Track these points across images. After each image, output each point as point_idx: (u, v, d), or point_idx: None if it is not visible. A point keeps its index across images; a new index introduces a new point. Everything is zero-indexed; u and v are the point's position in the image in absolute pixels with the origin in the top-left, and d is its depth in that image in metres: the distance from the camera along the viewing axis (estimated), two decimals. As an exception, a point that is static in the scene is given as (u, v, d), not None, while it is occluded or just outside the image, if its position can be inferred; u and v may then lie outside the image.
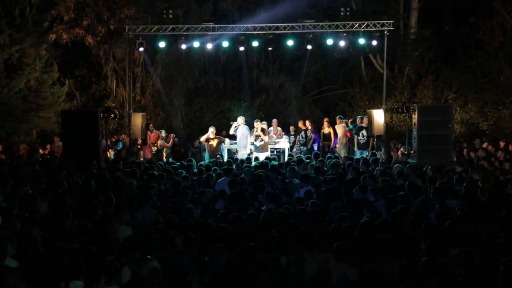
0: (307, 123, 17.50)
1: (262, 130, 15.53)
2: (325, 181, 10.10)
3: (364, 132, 16.06)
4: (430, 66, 20.68)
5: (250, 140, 15.42)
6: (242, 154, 15.03)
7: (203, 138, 16.13)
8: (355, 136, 16.32)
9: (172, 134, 17.33)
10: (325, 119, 17.72)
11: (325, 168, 11.63)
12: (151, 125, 17.25)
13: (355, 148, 16.25)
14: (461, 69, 20.29)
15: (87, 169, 11.04)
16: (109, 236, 6.83)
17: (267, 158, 13.63)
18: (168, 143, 16.90)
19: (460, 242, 6.38)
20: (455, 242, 6.43)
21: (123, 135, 18.27)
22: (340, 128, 16.69)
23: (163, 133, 17.12)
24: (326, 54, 21.63)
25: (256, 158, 13.58)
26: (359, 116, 17.05)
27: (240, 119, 15.98)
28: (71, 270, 5.61)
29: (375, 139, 16.01)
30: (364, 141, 16.05)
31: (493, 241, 6.24)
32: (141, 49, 17.95)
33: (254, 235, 6.90)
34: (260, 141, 15.43)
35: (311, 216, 7.84)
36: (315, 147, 16.91)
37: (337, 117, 17.24)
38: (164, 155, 16.52)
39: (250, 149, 15.42)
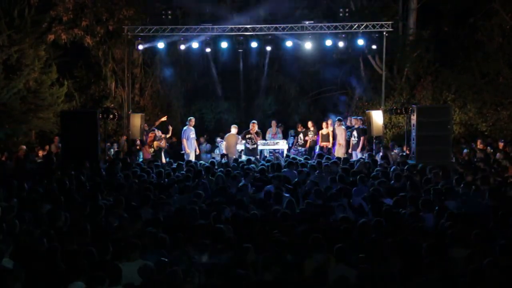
0: (309, 124, 17.46)
1: (256, 133, 15.53)
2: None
3: (355, 132, 16.11)
4: (429, 67, 20.68)
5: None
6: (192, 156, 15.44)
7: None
8: (350, 138, 16.37)
9: (170, 127, 17.49)
10: (328, 121, 17.71)
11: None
12: (146, 125, 17.32)
13: (349, 150, 16.29)
14: (460, 70, 20.27)
15: (82, 170, 11.04)
16: (109, 236, 6.82)
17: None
18: (168, 134, 17.26)
19: (457, 243, 6.39)
20: (453, 243, 6.45)
21: (125, 137, 18.25)
22: (339, 131, 16.68)
23: (160, 133, 17.20)
24: (325, 55, 21.64)
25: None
26: (353, 117, 17.12)
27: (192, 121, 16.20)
28: (70, 271, 5.61)
29: (372, 140, 16.02)
30: (356, 141, 16.07)
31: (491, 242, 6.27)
32: (140, 47, 17.96)
33: (253, 236, 6.91)
34: (253, 143, 15.44)
35: (311, 216, 7.85)
36: (316, 148, 16.88)
37: (337, 119, 17.20)
38: (162, 155, 16.52)
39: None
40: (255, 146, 15.47)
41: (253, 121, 16.06)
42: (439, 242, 6.47)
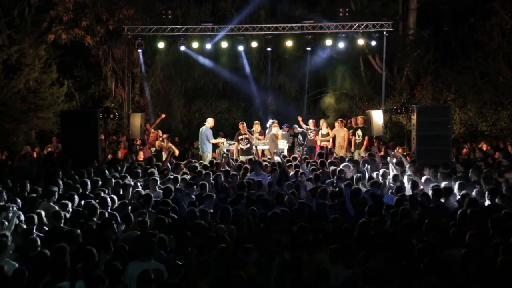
0: (310, 122, 17.43)
1: (249, 132, 15.54)
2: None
3: (359, 132, 16.15)
4: (429, 66, 20.70)
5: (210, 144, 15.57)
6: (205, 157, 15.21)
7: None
8: (352, 137, 16.37)
9: (165, 135, 17.27)
10: (323, 120, 17.69)
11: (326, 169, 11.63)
12: (148, 124, 17.30)
13: (352, 149, 16.29)
14: (460, 69, 20.28)
15: (84, 170, 11.03)
16: (108, 237, 6.81)
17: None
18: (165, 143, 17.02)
19: (457, 243, 6.40)
20: (452, 243, 6.45)
21: (125, 137, 18.24)
22: (339, 131, 16.63)
23: (161, 133, 17.19)
24: (325, 55, 21.63)
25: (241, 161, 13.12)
26: (358, 117, 17.15)
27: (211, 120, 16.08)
28: (71, 271, 5.61)
29: (373, 138, 16.03)
30: (360, 141, 16.13)
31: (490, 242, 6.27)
32: (139, 50, 17.99)
33: (253, 236, 6.91)
34: (246, 144, 15.42)
35: (310, 217, 7.85)
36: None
37: (338, 120, 17.17)
38: (164, 156, 16.49)
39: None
40: (248, 146, 15.46)
41: (242, 121, 16.07)
42: (438, 242, 6.47)
